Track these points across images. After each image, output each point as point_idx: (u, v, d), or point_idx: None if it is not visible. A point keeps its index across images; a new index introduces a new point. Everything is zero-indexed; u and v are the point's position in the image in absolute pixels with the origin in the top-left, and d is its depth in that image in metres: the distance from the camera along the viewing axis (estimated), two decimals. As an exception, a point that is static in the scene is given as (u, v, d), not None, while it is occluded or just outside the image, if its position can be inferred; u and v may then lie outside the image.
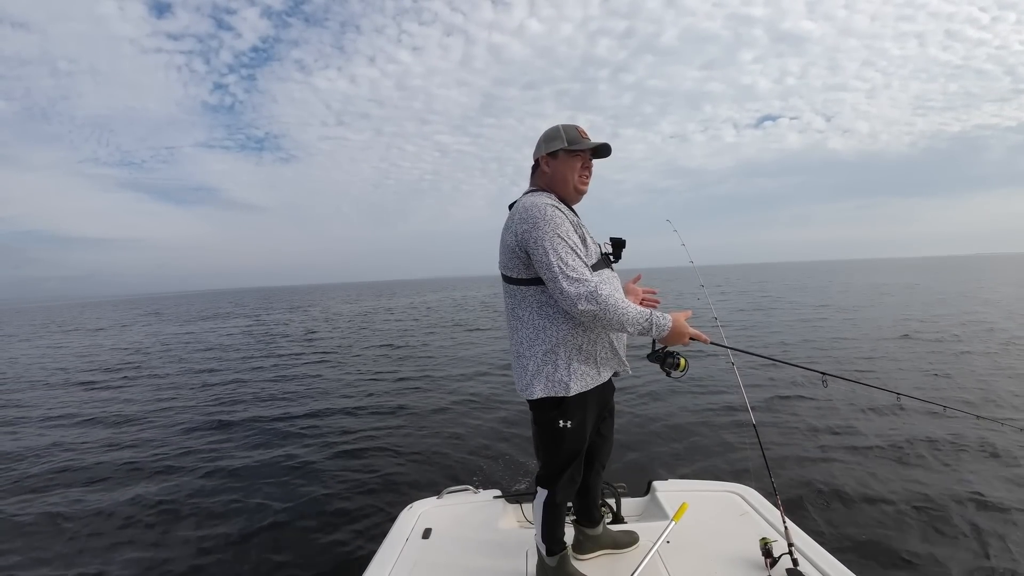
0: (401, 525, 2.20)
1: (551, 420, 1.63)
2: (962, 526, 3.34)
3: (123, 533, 3.82)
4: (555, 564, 1.74)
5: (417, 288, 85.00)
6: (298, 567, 3.26)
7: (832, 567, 1.71)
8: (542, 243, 1.51)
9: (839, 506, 3.65)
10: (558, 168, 1.67)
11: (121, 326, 27.87)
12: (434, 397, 7.51)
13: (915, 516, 3.48)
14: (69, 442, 6.13)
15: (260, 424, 6.53)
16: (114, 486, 4.69)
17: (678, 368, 1.65)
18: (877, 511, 3.55)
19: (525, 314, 1.63)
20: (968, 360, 8.30)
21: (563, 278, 1.48)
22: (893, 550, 3.10)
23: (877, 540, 3.21)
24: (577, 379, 1.60)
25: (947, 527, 3.34)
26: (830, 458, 4.45)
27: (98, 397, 8.94)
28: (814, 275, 51.28)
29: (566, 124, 1.69)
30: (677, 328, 1.53)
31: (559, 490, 1.69)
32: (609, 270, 1.71)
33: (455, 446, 5.30)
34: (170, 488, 4.55)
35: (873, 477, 4.07)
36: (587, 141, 1.67)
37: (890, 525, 3.38)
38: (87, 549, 3.62)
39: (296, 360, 12.02)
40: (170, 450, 5.64)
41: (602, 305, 1.46)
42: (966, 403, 5.88)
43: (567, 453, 1.67)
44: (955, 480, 3.97)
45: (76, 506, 4.25)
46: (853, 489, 3.86)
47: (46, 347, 18.43)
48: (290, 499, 4.19)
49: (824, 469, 4.24)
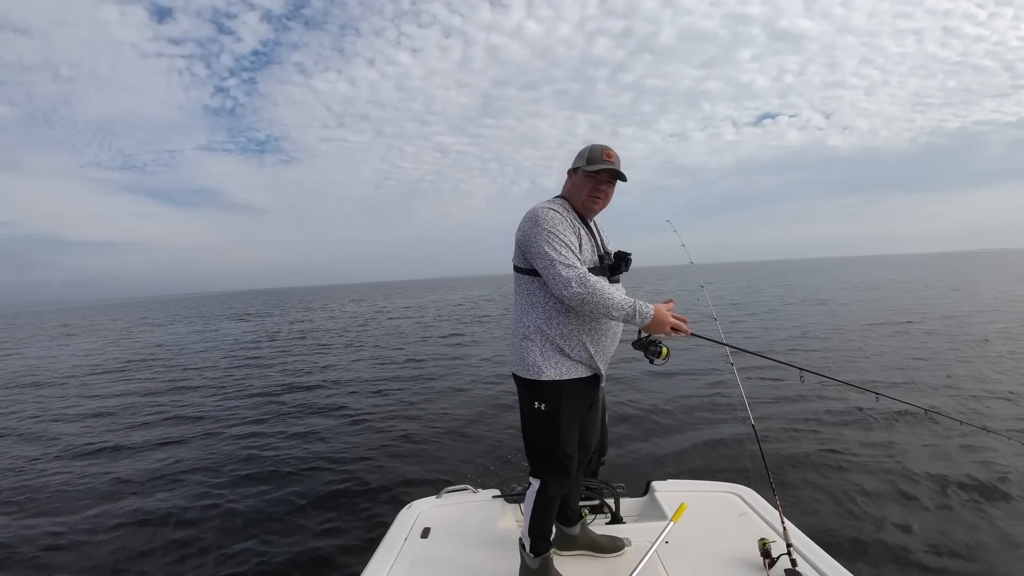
0: (400, 524, 2.21)
1: (528, 402, 1.76)
2: (962, 526, 3.34)
3: (122, 532, 3.83)
4: (537, 566, 1.74)
5: (418, 289, 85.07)
6: (297, 566, 3.26)
7: (830, 568, 1.71)
8: (538, 238, 1.67)
9: (838, 507, 3.65)
10: (575, 184, 1.82)
11: (127, 329, 27.86)
12: (434, 397, 7.52)
13: (915, 517, 3.48)
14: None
15: (259, 424, 6.54)
16: (113, 485, 4.70)
17: (660, 356, 1.74)
18: (877, 512, 3.55)
19: (518, 298, 1.83)
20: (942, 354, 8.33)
21: (555, 264, 1.63)
22: (893, 551, 3.10)
23: (876, 541, 3.21)
24: (551, 366, 1.71)
25: (947, 527, 3.34)
26: (830, 459, 4.45)
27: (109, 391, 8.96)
28: (813, 273, 51.25)
29: (595, 144, 1.80)
30: (658, 317, 1.64)
31: (550, 480, 1.74)
32: (605, 280, 1.74)
33: (454, 446, 5.30)
34: (168, 489, 4.56)
35: (873, 478, 4.06)
36: (604, 163, 1.76)
37: (890, 526, 3.38)
38: (94, 553, 3.62)
39: (296, 360, 12.04)
40: (164, 448, 5.65)
41: (590, 289, 1.59)
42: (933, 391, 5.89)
43: (542, 437, 1.75)
44: (955, 481, 3.96)
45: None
46: (852, 490, 3.86)
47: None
48: (289, 498, 4.20)
49: (823, 470, 4.24)
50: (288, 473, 4.76)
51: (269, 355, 13.02)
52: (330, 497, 4.19)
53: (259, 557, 3.38)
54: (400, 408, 6.97)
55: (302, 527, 3.73)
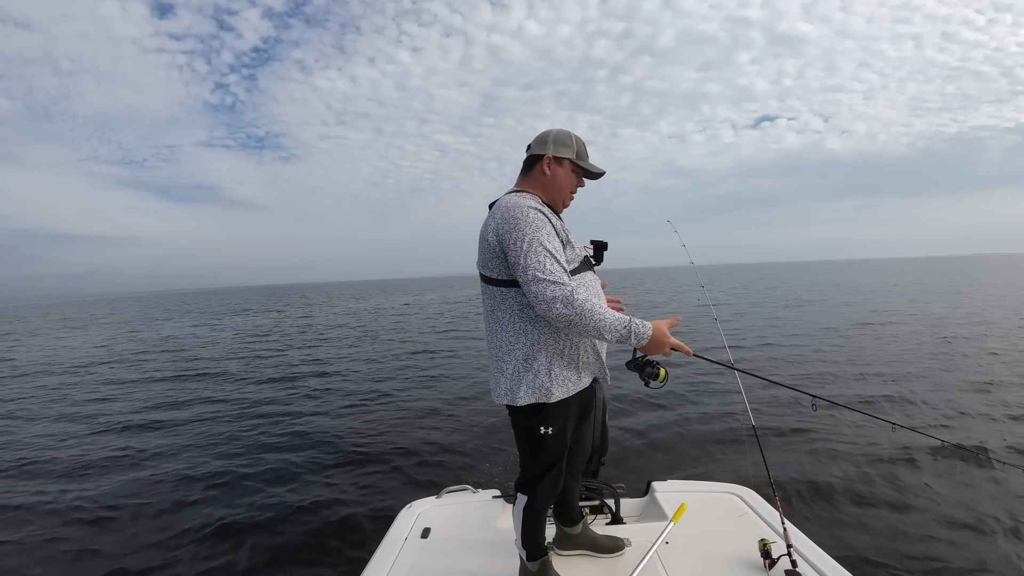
0: (400, 525, 2.20)
1: (532, 427, 1.59)
2: (962, 525, 3.35)
3: (119, 531, 3.81)
4: (536, 569, 1.74)
5: (416, 287, 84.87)
6: (297, 566, 3.26)
7: (831, 569, 1.71)
8: (520, 244, 1.46)
9: (838, 508, 3.66)
10: (559, 175, 1.64)
11: (131, 329, 27.76)
12: (434, 397, 7.51)
13: (914, 518, 3.49)
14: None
15: (259, 424, 6.52)
16: (109, 482, 4.69)
17: (657, 379, 1.57)
18: (877, 513, 3.56)
19: (505, 316, 1.58)
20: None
21: (538, 281, 1.43)
22: (892, 552, 3.11)
23: (876, 542, 3.22)
24: (559, 385, 1.56)
25: (947, 527, 3.35)
26: (829, 460, 4.46)
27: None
28: (807, 275, 51.35)
29: (573, 133, 1.66)
30: (657, 337, 1.46)
31: (538, 496, 1.67)
32: (591, 273, 1.70)
33: (454, 446, 5.29)
34: (165, 489, 4.54)
35: (873, 479, 4.07)
36: (590, 163, 1.68)
37: (889, 527, 3.39)
38: (88, 548, 3.61)
39: (296, 360, 12.00)
40: (160, 448, 5.63)
41: (577, 310, 1.41)
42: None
43: (547, 459, 1.64)
44: (954, 481, 3.97)
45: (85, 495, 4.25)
46: (853, 491, 3.87)
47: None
48: (289, 498, 4.19)
49: (824, 471, 4.24)
50: (287, 473, 4.74)
51: (266, 352, 12.99)
52: (329, 497, 4.18)
53: (258, 556, 3.37)
54: (400, 408, 6.95)
55: (302, 527, 3.72)
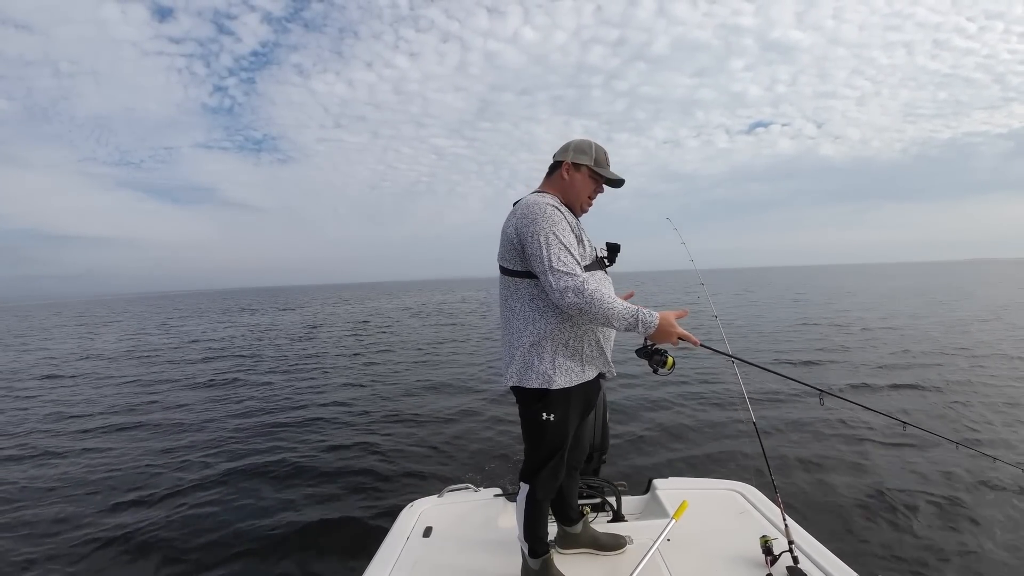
0: (402, 524, 2.20)
1: (535, 412, 1.67)
2: (961, 525, 3.37)
3: (117, 531, 3.79)
4: (538, 567, 1.74)
5: (414, 289, 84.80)
6: (298, 566, 3.25)
7: (832, 565, 1.71)
8: (537, 237, 1.57)
9: (840, 504, 3.67)
10: (576, 181, 1.74)
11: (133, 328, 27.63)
12: (434, 396, 7.51)
13: (915, 514, 3.50)
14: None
15: (259, 424, 6.49)
16: (111, 488, 4.67)
17: (665, 366, 1.67)
18: (878, 509, 3.58)
19: (517, 305, 1.68)
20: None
21: (553, 271, 1.54)
22: (894, 547, 3.12)
23: (878, 538, 3.23)
24: (561, 373, 1.64)
25: (946, 526, 3.36)
26: (831, 456, 4.47)
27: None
28: (801, 279, 51.47)
29: (596, 143, 1.76)
30: (664, 327, 1.55)
31: (539, 486, 1.71)
32: (603, 272, 1.75)
33: (455, 445, 5.29)
34: (163, 488, 4.53)
35: (874, 475, 4.09)
36: (609, 171, 1.76)
37: (891, 523, 3.40)
38: (87, 553, 3.59)
39: (295, 360, 11.95)
40: (161, 451, 5.61)
41: (587, 298, 1.51)
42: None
43: (548, 446, 1.70)
44: (953, 481, 3.98)
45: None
46: (854, 487, 3.88)
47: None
48: (290, 498, 4.18)
49: (825, 467, 4.26)
50: (288, 473, 4.73)
51: (265, 354, 12.93)
52: (331, 497, 4.18)
53: (259, 557, 3.36)
54: (400, 407, 6.93)
55: (303, 526, 3.71)
